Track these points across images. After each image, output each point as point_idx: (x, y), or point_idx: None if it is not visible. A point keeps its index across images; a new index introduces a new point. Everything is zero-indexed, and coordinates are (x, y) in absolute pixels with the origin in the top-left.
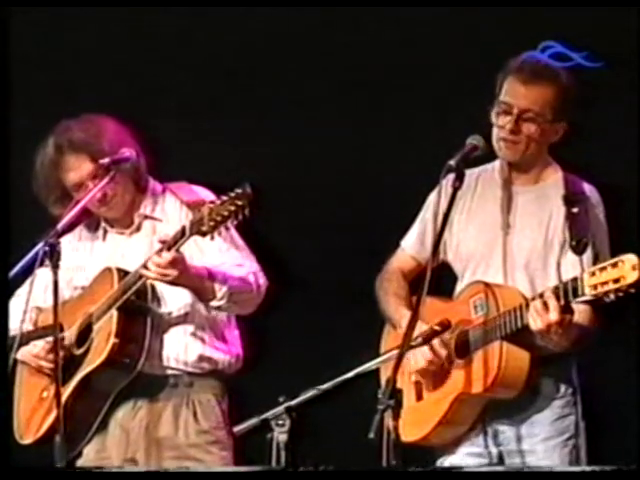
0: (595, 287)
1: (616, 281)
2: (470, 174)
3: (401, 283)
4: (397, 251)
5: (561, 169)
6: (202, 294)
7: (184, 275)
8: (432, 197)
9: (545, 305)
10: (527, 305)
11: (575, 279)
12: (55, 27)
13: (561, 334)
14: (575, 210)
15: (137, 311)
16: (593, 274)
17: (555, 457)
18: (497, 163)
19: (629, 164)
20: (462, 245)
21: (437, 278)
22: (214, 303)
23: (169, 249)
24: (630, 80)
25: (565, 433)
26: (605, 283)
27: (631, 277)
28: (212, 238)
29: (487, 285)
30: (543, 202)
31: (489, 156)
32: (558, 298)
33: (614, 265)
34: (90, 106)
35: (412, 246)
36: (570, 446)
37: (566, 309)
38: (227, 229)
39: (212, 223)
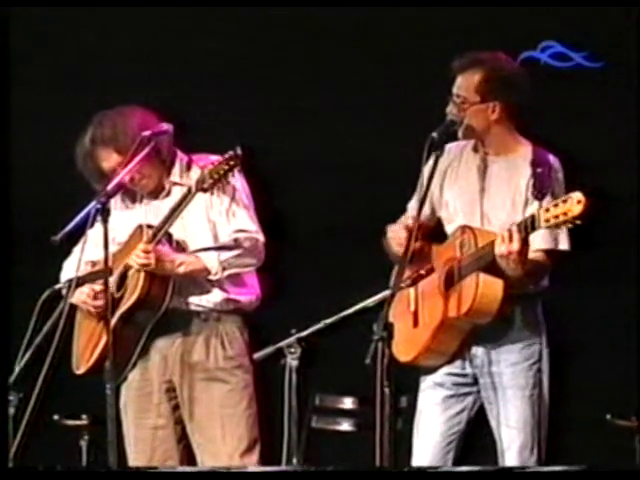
0: (548, 220)
1: (565, 214)
2: (457, 145)
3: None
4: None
5: (531, 144)
6: (194, 274)
7: (160, 264)
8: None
9: (510, 236)
10: None
11: (533, 215)
12: (55, 26)
13: (518, 262)
14: (539, 170)
15: None
16: (547, 210)
17: (520, 379)
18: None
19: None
20: (449, 205)
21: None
22: (212, 277)
23: (178, 208)
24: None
25: (530, 359)
26: (556, 217)
27: (576, 210)
28: (212, 194)
29: (469, 228)
30: (513, 170)
31: None
32: (520, 231)
33: (564, 201)
34: (92, 104)
35: (413, 208)
36: (534, 370)
37: (526, 241)
38: (225, 185)
39: (211, 181)
